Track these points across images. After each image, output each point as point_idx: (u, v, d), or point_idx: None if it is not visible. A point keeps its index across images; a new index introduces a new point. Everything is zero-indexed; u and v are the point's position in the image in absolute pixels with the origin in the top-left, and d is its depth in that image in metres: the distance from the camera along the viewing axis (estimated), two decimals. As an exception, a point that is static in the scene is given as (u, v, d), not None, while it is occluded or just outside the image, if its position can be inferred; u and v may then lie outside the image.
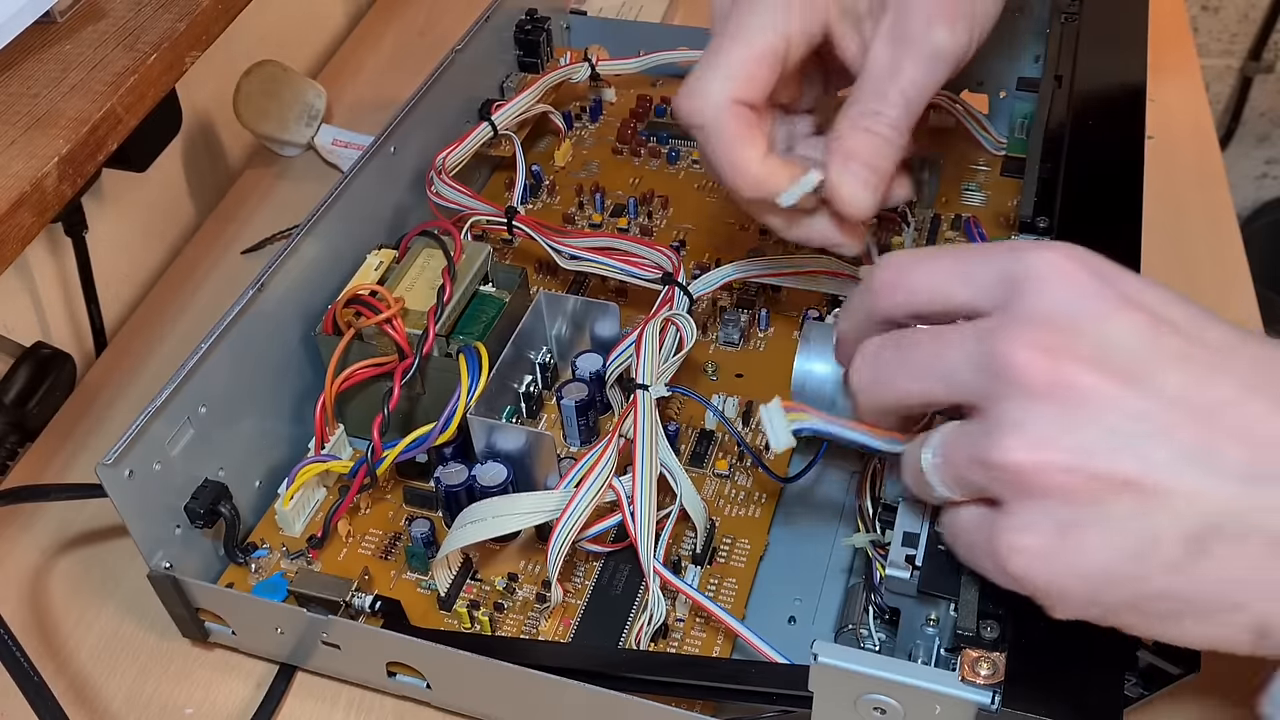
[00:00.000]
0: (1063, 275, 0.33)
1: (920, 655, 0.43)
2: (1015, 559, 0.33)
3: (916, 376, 0.36)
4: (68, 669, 0.50)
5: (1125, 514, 0.31)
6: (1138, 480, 0.31)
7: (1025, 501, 0.33)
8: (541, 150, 0.70)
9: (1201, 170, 0.70)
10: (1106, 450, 0.31)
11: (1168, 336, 0.32)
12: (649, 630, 0.45)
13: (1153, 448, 0.31)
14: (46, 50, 0.53)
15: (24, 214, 0.46)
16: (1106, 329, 0.32)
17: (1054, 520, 0.32)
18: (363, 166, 0.57)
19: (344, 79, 0.82)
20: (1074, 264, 0.33)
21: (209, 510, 0.48)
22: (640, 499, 0.46)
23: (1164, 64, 0.72)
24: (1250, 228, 1.45)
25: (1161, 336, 0.32)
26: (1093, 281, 0.33)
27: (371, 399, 0.52)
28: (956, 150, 0.67)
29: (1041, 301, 0.33)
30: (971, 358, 0.34)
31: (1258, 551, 0.30)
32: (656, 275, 0.54)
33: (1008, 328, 0.33)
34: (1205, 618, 0.32)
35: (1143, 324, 0.32)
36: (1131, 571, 0.32)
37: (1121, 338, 0.32)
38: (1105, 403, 0.31)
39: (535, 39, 0.70)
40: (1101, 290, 0.33)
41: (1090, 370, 0.32)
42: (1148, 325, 0.32)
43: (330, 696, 0.48)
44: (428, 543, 0.49)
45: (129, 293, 0.71)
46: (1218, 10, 1.37)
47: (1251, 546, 0.31)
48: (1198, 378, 0.32)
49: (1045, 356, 0.32)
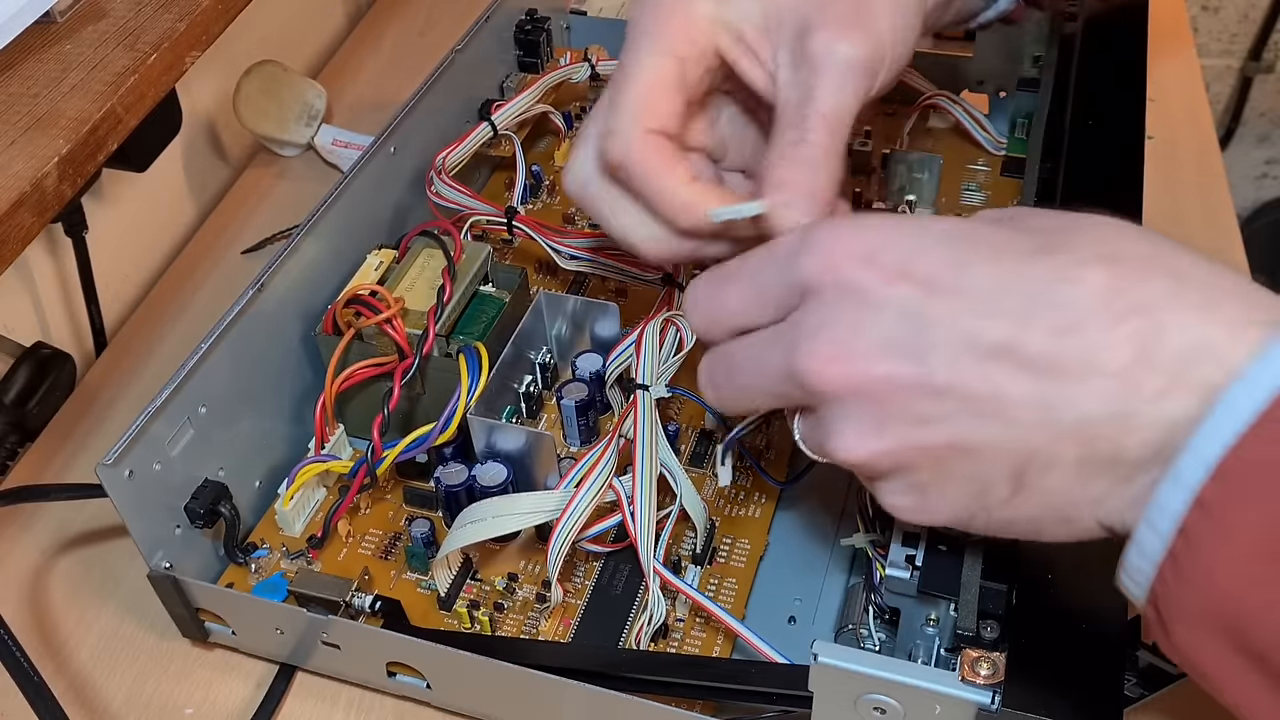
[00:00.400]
0: (836, 276, 0.35)
1: (920, 655, 0.43)
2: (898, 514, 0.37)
3: (747, 394, 0.39)
4: (68, 669, 0.50)
5: (957, 470, 0.35)
6: (952, 445, 0.34)
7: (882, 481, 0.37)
8: (541, 150, 0.70)
9: (1201, 170, 0.70)
10: (917, 430, 0.34)
11: (935, 300, 0.34)
12: (649, 630, 0.45)
13: (952, 416, 0.34)
14: (46, 50, 0.53)
15: (24, 214, 0.46)
16: (881, 317, 0.34)
17: (911, 485, 0.36)
18: (363, 166, 0.57)
19: (344, 79, 0.82)
20: (844, 261, 0.35)
21: (209, 510, 0.48)
22: (640, 499, 0.46)
23: (1164, 64, 0.72)
24: (1250, 228, 1.45)
25: (930, 302, 0.34)
26: (861, 271, 0.35)
27: (371, 399, 0.52)
28: (956, 150, 0.67)
29: (823, 309, 0.35)
30: (782, 377, 0.36)
31: (1066, 474, 0.33)
32: (656, 275, 0.54)
33: (799, 343, 0.36)
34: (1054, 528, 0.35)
35: (910, 295, 0.34)
36: (981, 509, 0.35)
37: (895, 319, 0.34)
38: (900, 390, 0.34)
39: (535, 39, 0.70)
40: (869, 279, 0.35)
41: (878, 362, 0.34)
42: (914, 295, 0.34)
43: (330, 696, 0.48)
44: (428, 543, 0.49)
45: (129, 293, 0.71)
46: (1218, 10, 1.37)
47: (1060, 472, 0.33)
48: (971, 333, 0.33)
49: (837, 366, 0.35)
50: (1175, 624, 0.31)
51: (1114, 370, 0.31)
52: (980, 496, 0.35)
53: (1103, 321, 0.32)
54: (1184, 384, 0.31)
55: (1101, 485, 0.33)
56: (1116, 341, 0.32)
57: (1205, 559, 0.30)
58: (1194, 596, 0.30)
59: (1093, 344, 0.32)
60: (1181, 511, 0.30)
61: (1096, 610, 0.37)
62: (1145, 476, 0.32)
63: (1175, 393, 0.31)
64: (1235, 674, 0.31)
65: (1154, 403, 0.31)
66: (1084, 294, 0.33)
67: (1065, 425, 0.32)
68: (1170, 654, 0.33)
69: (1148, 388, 0.31)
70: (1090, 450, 0.32)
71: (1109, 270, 0.33)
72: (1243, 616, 0.29)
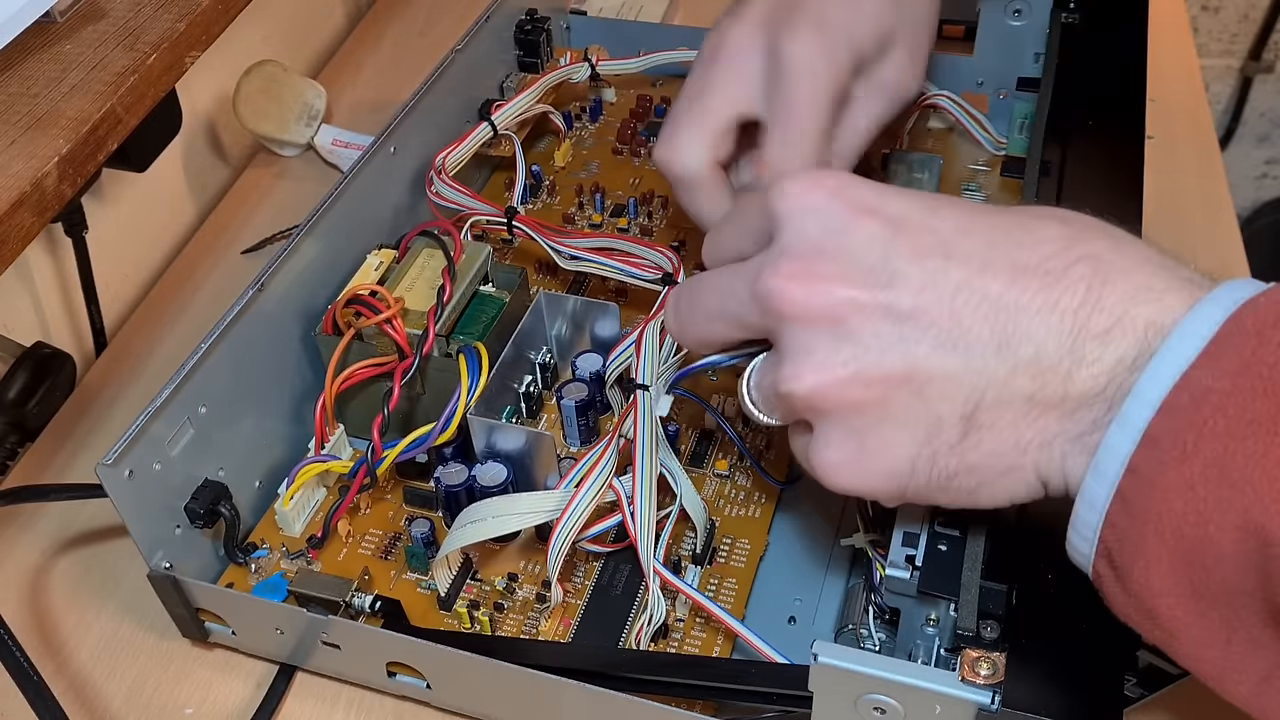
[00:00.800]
0: (802, 204, 0.36)
1: (920, 655, 0.43)
2: (830, 475, 0.37)
3: (709, 318, 0.40)
4: (68, 669, 0.50)
5: (906, 408, 0.35)
6: (909, 375, 0.34)
7: (822, 420, 0.36)
8: (541, 150, 0.70)
9: (1201, 170, 0.70)
10: (875, 355, 0.35)
11: (903, 236, 0.35)
12: (649, 630, 0.45)
13: (912, 342, 0.34)
14: (46, 50, 0.53)
15: (24, 214, 0.46)
16: (848, 243, 0.35)
17: (849, 431, 0.36)
18: (363, 166, 0.57)
19: (344, 79, 0.82)
20: (811, 191, 0.37)
21: (209, 510, 0.48)
22: (640, 499, 0.46)
23: (1164, 64, 0.72)
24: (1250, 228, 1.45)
25: (898, 237, 0.35)
26: (828, 201, 0.36)
27: (371, 399, 0.52)
28: (956, 150, 0.67)
29: (789, 234, 0.36)
30: (745, 300, 0.37)
31: (1016, 412, 0.34)
32: (656, 275, 0.54)
33: (765, 266, 0.37)
34: (995, 481, 0.35)
35: (878, 230, 0.35)
36: (926, 456, 0.35)
37: (862, 248, 0.35)
38: (862, 312, 0.35)
39: (535, 39, 0.70)
40: (836, 207, 0.36)
41: (841, 285, 0.35)
42: (883, 230, 0.35)
43: (330, 696, 0.48)
44: (428, 543, 0.49)
45: (129, 293, 0.71)
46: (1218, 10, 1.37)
47: (1010, 410, 0.34)
48: (934, 269, 0.35)
49: (798, 284, 0.35)
50: (1132, 566, 0.32)
51: (1067, 308, 0.33)
52: (928, 441, 0.35)
53: (1059, 264, 0.34)
54: (1128, 326, 0.32)
55: (1048, 424, 0.34)
56: (1071, 282, 0.33)
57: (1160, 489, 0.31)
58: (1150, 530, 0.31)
59: (1050, 283, 0.33)
60: (1129, 451, 0.31)
61: (1096, 610, 0.37)
62: (1088, 414, 0.33)
63: (1119, 333, 0.32)
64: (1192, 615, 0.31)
65: (1101, 341, 0.33)
66: (1041, 239, 0.34)
67: (1022, 359, 0.33)
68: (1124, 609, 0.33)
69: (1096, 326, 0.33)
70: (1040, 386, 0.33)
71: (1062, 225, 0.35)
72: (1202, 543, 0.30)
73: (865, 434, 0.36)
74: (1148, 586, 0.32)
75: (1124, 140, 0.54)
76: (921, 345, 0.34)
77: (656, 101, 0.72)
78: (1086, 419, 0.33)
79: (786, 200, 0.37)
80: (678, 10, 0.86)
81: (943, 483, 0.36)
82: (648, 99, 0.72)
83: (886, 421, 0.35)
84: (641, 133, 0.70)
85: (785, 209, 0.37)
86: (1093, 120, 0.55)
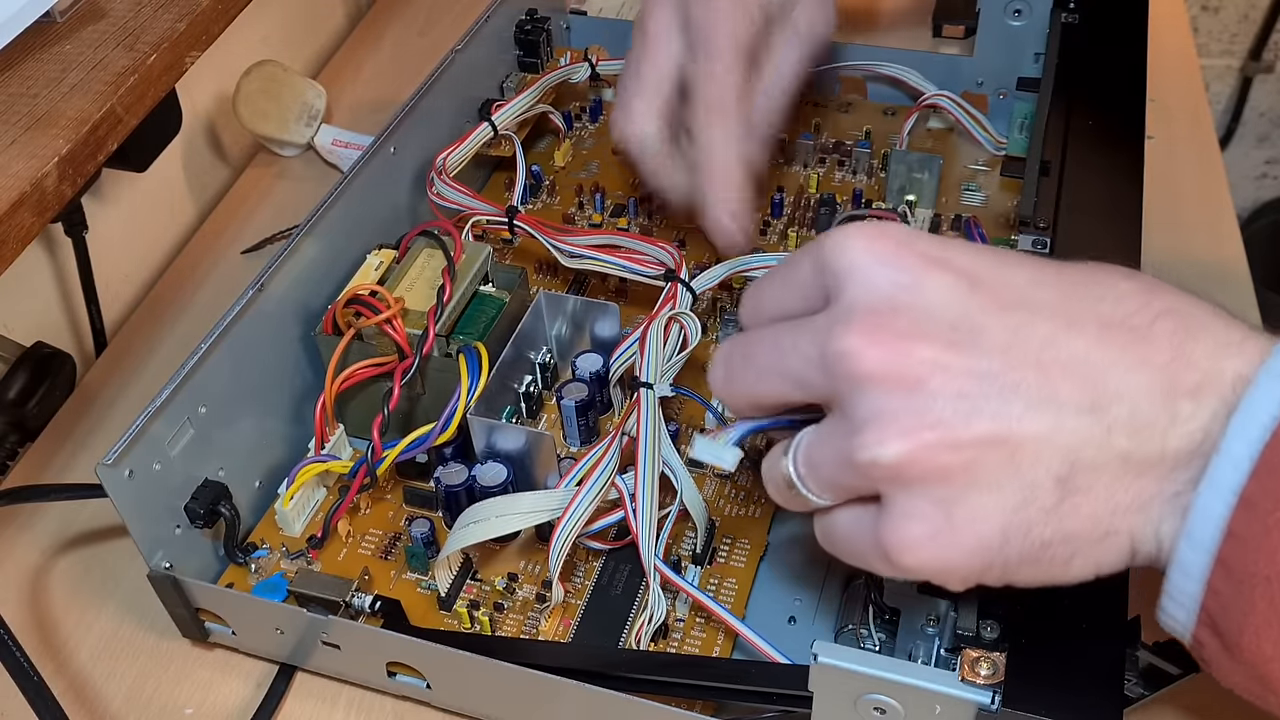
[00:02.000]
0: (868, 257, 0.34)
1: (920, 655, 0.43)
2: (908, 553, 0.33)
3: (763, 376, 0.37)
4: (68, 669, 0.50)
5: (998, 473, 0.32)
6: (1001, 437, 0.32)
7: (903, 491, 0.33)
8: (541, 150, 0.70)
9: (1201, 170, 0.70)
10: (963, 417, 0.32)
11: (980, 289, 0.33)
12: (649, 630, 0.45)
13: (1001, 402, 0.32)
14: (46, 50, 0.53)
15: (24, 214, 0.46)
16: (923, 298, 0.33)
17: (935, 501, 0.33)
18: (363, 166, 0.57)
19: (344, 79, 0.82)
20: (875, 241, 0.34)
21: (209, 510, 0.48)
22: (642, 496, 0.46)
23: (1164, 64, 0.72)
24: (1250, 228, 1.45)
25: (975, 291, 0.33)
26: (896, 252, 0.34)
27: (371, 399, 0.52)
28: (956, 150, 0.67)
29: (856, 289, 0.34)
30: (810, 360, 0.34)
31: (1114, 474, 0.32)
32: (659, 271, 0.54)
33: (835, 324, 0.34)
34: (1089, 550, 0.33)
35: (952, 283, 0.33)
36: (1019, 525, 0.32)
37: (939, 303, 0.33)
38: (946, 372, 0.32)
39: (535, 39, 0.70)
40: (906, 259, 0.34)
41: (922, 344, 0.32)
42: (957, 283, 0.33)
43: (330, 696, 0.48)
44: (428, 543, 0.49)
45: (129, 293, 0.71)
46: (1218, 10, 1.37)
47: (1107, 471, 0.32)
48: (1016, 324, 0.33)
49: (875, 343, 0.33)
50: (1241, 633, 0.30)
51: (1158, 364, 0.32)
52: (1021, 507, 0.32)
53: (1143, 319, 0.32)
54: (1217, 380, 0.31)
55: (1145, 485, 0.32)
56: (1157, 338, 0.32)
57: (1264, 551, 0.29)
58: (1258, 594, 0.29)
59: (1137, 339, 0.32)
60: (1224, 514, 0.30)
61: (1096, 610, 0.37)
62: (1185, 472, 0.32)
63: (1210, 389, 0.31)
64: None
65: (1194, 398, 0.31)
66: (1121, 294, 0.33)
67: (1117, 418, 0.32)
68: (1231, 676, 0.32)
69: (1187, 382, 0.31)
70: (1137, 445, 0.32)
71: (1132, 280, 0.33)
72: None
73: (953, 504, 0.32)
74: (1259, 653, 0.30)
75: (1124, 140, 0.54)
76: (1012, 405, 0.32)
77: (656, 101, 0.72)
78: (1183, 477, 0.32)
79: (850, 253, 0.34)
80: (678, 10, 0.86)
81: (1035, 553, 0.33)
82: (648, 99, 0.72)
83: (976, 488, 0.32)
84: (641, 133, 0.70)
85: (848, 262, 0.34)
86: (1093, 120, 0.55)
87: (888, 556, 0.34)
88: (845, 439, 0.33)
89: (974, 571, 0.34)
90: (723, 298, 0.60)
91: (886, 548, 0.34)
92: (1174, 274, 0.35)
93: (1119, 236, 0.49)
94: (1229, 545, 0.30)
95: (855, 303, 0.34)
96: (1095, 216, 0.50)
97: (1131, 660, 0.39)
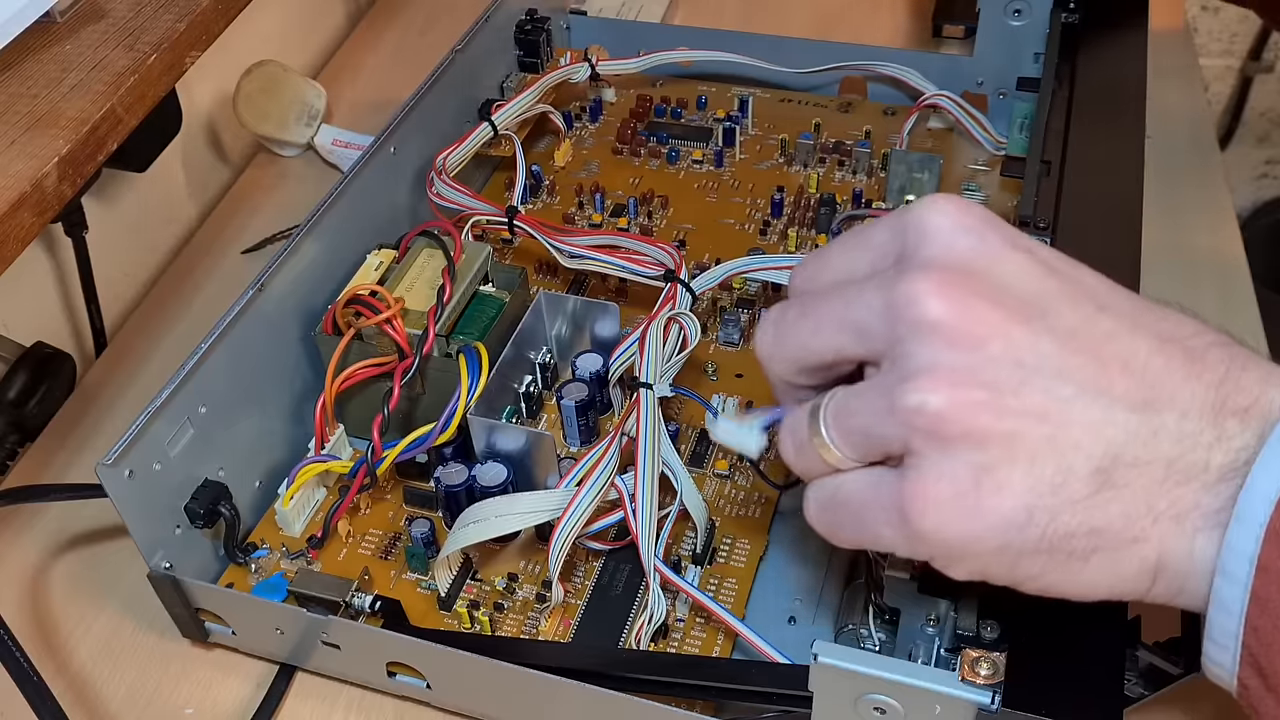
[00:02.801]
0: (953, 222, 0.34)
1: (920, 655, 0.43)
2: (928, 513, 0.32)
3: (820, 330, 0.36)
4: (68, 669, 0.50)
5: (1037, 450, 0.32)
6: (1047, 414, 0.31)
7: (937, 448, 0.32)
8: (541, 150, 0.70)
9: (1201, 170, 0.70)
10: (1014, 385, 0.32)
11: (1053, 277, 0.34)
12: (649, 630, 0.45)
13: (1058, 381, 0.32)
14: (46, 50, 0.53)
15: (24, 214, 0.46)
16: (1000, 269, 0.33)
17: (967, 465, 0.32)
18: (363, 166, 0.57)
19: (344, 79, 0.82)
20: (961, 212, 0.34)
21: (209, 510, 0.48)
22: (642, 496, 0.46)
23: (1164, 64, 0.72)
24: (1250, 228, 1.45)
25: (1051, 277, 0.34)
26: (980, 225, 0.34)
27: (371, 399, 0.52)
28: (956, 150, 0.67)
29: (937, 248, 0.33)
30: (875, 307, 0.34)
31: (1154, 478, 0.32)
32: (659, 272, 0.54)
33: (908, 273, 0.33)
34: (1112, 552, 0.32)
35: (1030, 266, 0.34)
36: (1046, 509, 0.32)
37: (1014, 277, 0.33)
38: (1008, 339, 0.32)
39: (535, 39, 0.70)
40: (990, 235, 0.34)
41: (990, 306, 0.32)
42: (1035, 267, 0.34)
43: (330, 696, 0.48)
44: (428, 543, 0.49)
45: (129, 293, 0.71)
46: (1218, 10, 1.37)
47: (1148, 473, 0.32)
48: (1085, 315, 0.33)
49: (946, 296, 0.32)
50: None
51: (1210, 381, 0.32)
52: (1053, 491, 0.32)
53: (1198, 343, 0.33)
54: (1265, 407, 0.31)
55: (1186, 494, 0.32)
56: (1211, 361, 0.32)
57: None
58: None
59: (1193, 358, 0.32)
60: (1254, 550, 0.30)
61: (1096, 610, 0.37)
62: (1227, 488, 0.31)
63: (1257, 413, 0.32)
64: None
65: (1241, 419, 0.32)
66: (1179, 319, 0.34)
67: (1166, 423, 0.32)
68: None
69: (1236, 403, 0.32)
70: (1183, 452, 0.32)
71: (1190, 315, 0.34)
72: None
73: (985, 471, 0.32)
74: None
75: (1124, 140, 0.54)
76: (1065, 386, 0.32)
77: (656, 101, 0.72)
78: (1225, 494, 0.31)
79: (936, 216, 0.34)
80: (678, 10, 0.86)
81: (1055, 543, 0.32)
82: (648, 99, 0.72)
83: (1012, 460, 0.32)
84: (641, 133, 0.70)
85: (934, 225, 0.34)
86: (1093, 120, 0.55)
87: (905, 516, 0.33)
88: (892, 385, 0.33)
89: (988, 550, 0.32)
90: (723, 298, 0.60)
91: (906, 505, 0.33)
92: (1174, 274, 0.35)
93: (1119, 236, 0.49)
94: (1261, 580, 0.30)
95: (933, 258, 0.33)
96: (1095, 216, 0.50)
97: (1131, 660, 0.39)
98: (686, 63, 0.71)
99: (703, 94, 0.72)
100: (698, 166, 0.68)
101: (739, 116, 0.70)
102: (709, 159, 0.68)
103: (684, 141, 0.70)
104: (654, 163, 0.69)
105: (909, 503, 0.33)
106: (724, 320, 0.58)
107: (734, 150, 0.69)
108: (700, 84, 0.73)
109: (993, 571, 0.33)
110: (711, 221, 0.64)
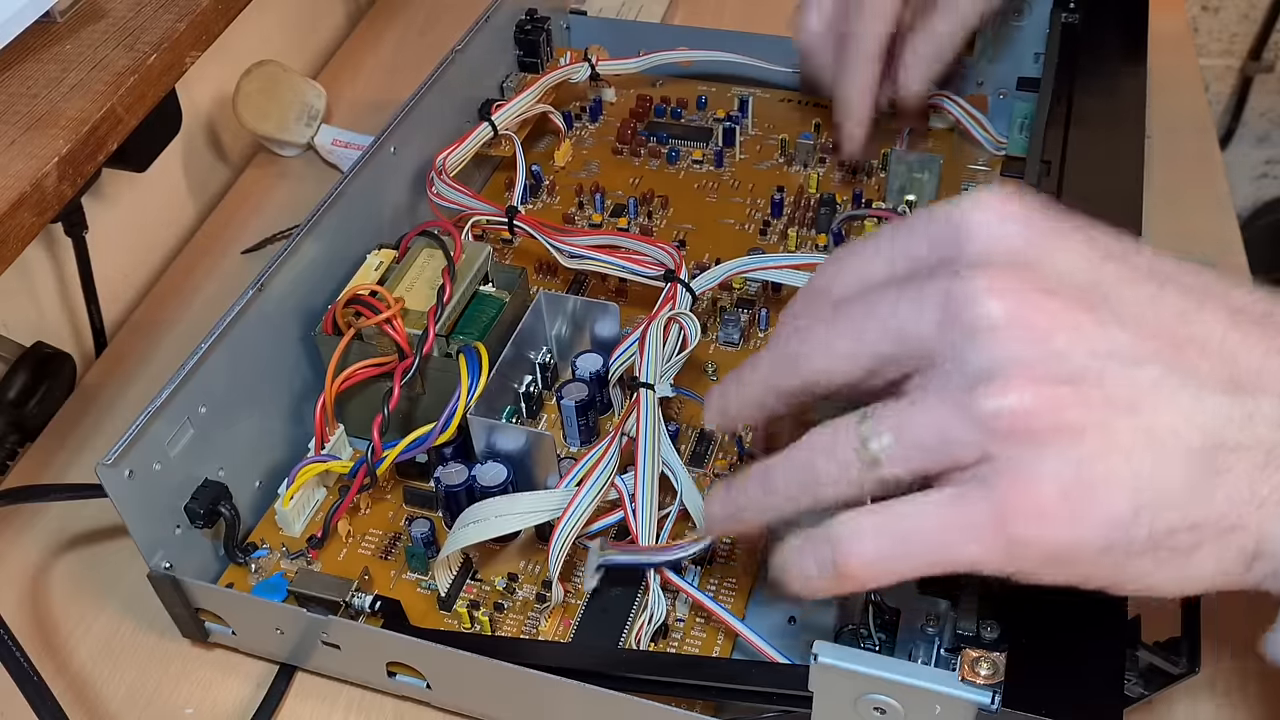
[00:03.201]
0: (997, 214, 0.32)
1: (920, 655, 0.43)
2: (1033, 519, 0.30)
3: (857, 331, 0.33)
4: (68, 669, 0.50)
5: (1134, 442, 0.30)
6: (1135, 402, 0.30)
7: (1029, 448, 0.30)
8: (541, 150, 0.70)
9: (1201, 170, 0.70)
10: (1096, 376, 0.30)
11: (1109, 261, 0.32)
12: (649, 630, 0.45)
13: (1137, 368, 0.30)
14: (46, 50, 0.53)
15: (24, 214, 0.46)
16: (1055, 259, 0.32)
17: (1068, 461, 0.29)
18: (363, 166, 0.57)
19: (344, 79, 0.82)
20: (1002, 202, 0.33)
21: (209, 510, 0.48)
22: (642, 496, 0.46)
23: (1164, 64, 0.72)
24: (1250, 228, 1.45)
25: (1104, 262, 0.32)
26: (1028, 215, 0.32)
27: (371, 399, 0.52)
28: (956, 150, 0.67)
29: (984, 243, 0.32)
30: (921, 310, 0.32)
31: (1254, 462, 0.30)
32: (659, 272, 0.54)
33: (961, 272, 0.31)
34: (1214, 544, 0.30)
35: (1084, 251, 0.32)
36: (1150, 503, 0.30)
37: (1070, 265, 0.31)
38: (1076, 330, 0.30)
39: (535, 39, 0.70)
40: (1038, 224, 0.32)
41: (1054, 298, 0.30)
42: (1089, 252, 0.32)
43: (330, 696, 0.48)
44: (428, 543, 0.49)
45: (129, 293, 0.71)
46: (1218, 10, 1.37)
47: (1249, 458, 0.30)
48: (1149, 296, 0.31)
49: (1005, 292, 0.30)
50: None
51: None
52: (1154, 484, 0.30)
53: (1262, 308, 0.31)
54: None
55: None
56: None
57: None
58: None
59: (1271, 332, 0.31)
60: None
61: (1096, 610, 0.37)
62: None
63: None
64: None
65: None
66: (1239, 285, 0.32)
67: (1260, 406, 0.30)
68: None
69: None
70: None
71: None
72: None
73: (1086, 463, 0.29)
74: None
75: (1124, 140, 0.54)
76: (1147, 371, 0.30)
77: (656, 101, 0.72)
78: None
79: (981, 209, 0.32)
80: (678, 10, 0.86)
81: (1160, 539, 0.30)
82: (648, 99, 0.72)
83: (1111, 452, 0.29)
84: (641, 133, 0.70)
85: (979, 218, 0.32)
86: (1093, 120, 0.55)
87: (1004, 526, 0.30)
88: (961, 393, 0.30)
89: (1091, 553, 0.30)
90: (723, 298, 0.60)
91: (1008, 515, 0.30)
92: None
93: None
94: None
95: (983, 254, 0.32)
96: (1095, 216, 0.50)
97: (1131, 660, 0.39)
98: (686, 63, 0.71)
99: (703, 94, 0.73)
100: (698, 166, 0.68)
101: (739, 116, 0.70)
102: (709, 159, 0.68)
103: (684, 141, 0.70)
104: (654, 163, 0.69)
105: (1011, 511, 0.30)
106: (724, 320, 0.58)
107: (734, 150, 0.69)
108: (700, 84, 0.73)
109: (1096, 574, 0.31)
110: (711, 221, 0.64)
